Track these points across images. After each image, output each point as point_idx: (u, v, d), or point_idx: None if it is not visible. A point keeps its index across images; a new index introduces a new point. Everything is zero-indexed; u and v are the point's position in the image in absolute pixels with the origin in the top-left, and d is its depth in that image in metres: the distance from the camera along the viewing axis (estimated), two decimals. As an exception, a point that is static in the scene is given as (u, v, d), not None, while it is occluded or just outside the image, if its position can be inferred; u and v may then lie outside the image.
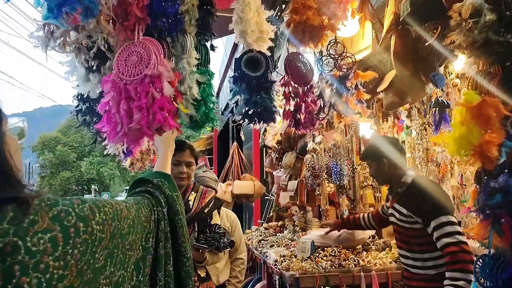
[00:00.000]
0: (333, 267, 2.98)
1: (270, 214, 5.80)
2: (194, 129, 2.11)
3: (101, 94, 1.95)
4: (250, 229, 5.65)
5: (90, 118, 2.17)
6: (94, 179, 30.36)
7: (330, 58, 2.36)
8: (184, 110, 1.76)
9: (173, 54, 1.86)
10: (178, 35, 1.88)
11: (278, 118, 2.52)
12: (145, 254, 1.02)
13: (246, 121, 2.09)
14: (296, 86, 2.38)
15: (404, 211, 2.16)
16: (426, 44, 2.10)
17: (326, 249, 3.25)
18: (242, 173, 6.13)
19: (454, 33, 1.11)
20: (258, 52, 2.10)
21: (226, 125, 12.41)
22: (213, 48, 2.37)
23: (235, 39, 2.17)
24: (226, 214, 2.78)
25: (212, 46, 2.35)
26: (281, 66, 2.48)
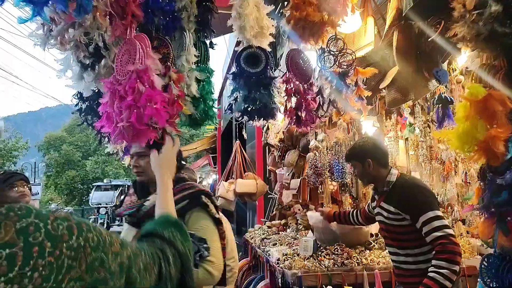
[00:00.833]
0: (335, 266, 2.95)
1: (273, 213, 5.77)
2: (194, 127, 2.08)
3: (96, 93, 1.94)
4: (253, 227, 5.63)
5: (91, 117, 2.16)
6: (99, 178, 30.47)
7: (331, 54, 2.32)
8: (186, 111, 1.74)
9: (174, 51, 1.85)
10: (176, 32, 1.85)
11: (280, 116, 2.48)
12: None
13: (246, 118, 2.07)
14: (297, 83, 2.34)
15: (392, 209, 2.17)
16: (429, 39, 2.06)
17: (328, 247, 3.22)
18: (244, 171, 6.10)
19: (458, 25, 1.07)
20: (258, 48, 2.07)
21: (230, 123, 12.41)
22: (212, 45, 2.34)
23: (236, 36, 2.14)
24: None
25: (211, 43, 2.32)
26: (283, 64, 2.44)
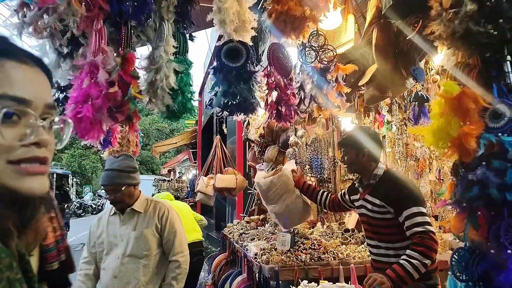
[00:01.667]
0: (312, 260, 2.99)
1: (252, 208, 5.79)
2: (172, 119, 2.03)
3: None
4: (232, 222, 5.62)
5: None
6: (76, 172, 29.75)
7: (312, 50, 2.33)
8: (135, 94, 1.70)
9: (141, 39, 1.80)
10: (154, 20, 1.81)
11: (261, 111, 2.47)
12: None
13: (226, 113, 2.04)
14: (278, 77, 2.34)
15: (376, 202, 2.18)
16: (407, 38, 2.09)
17: (305, 242, 3.25)
18: (224, 166, 6.07)
19: (434, 23, 1.09)
20: (239, 42, 2.05)
21: (211, 119, 12.33)
22: (192, 37, 2.30)
23: (217, 31, 2.11)
24: (155, 207, 2.40)
25: (191, 35, 2.28)
26: (265, 59, 2.43)
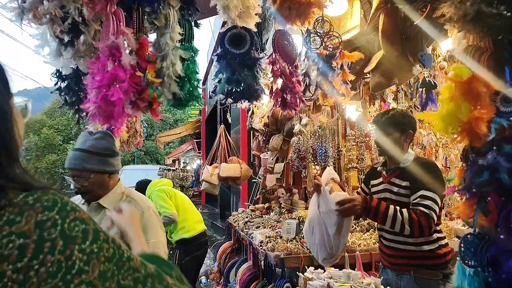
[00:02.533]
0: (318, 249, 2.99)
1: (257, 197, 5.80)
2: (178, 107, 2.01)
3: (76, 71, 1.87)
4: (237, 211, 5.65)
5: (69, 97, 2.08)
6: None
7: (317, 36, 2.29)
8: (152, 78, 1.67)
9: (157, 26, 1.78)
10: (163, 7, 1.78)
11: (266, 99, 2.45)
12: None
13: (230, 100, 2.03)
14: (284, 65, 2.31)
15: (403, 184, 2.14)
16: (414, 23, 2.05)
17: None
18: (229, 156, 6.08)
19: (445, 5, 1.06)
20: (243, 28, 2.02)
21: (214, 109, 12.31)
22: (197, 24, 2.27)
23: (221, 18, 2.08)
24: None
25: (196, 22, 2.25)
26: (269, 48, 2.40)
